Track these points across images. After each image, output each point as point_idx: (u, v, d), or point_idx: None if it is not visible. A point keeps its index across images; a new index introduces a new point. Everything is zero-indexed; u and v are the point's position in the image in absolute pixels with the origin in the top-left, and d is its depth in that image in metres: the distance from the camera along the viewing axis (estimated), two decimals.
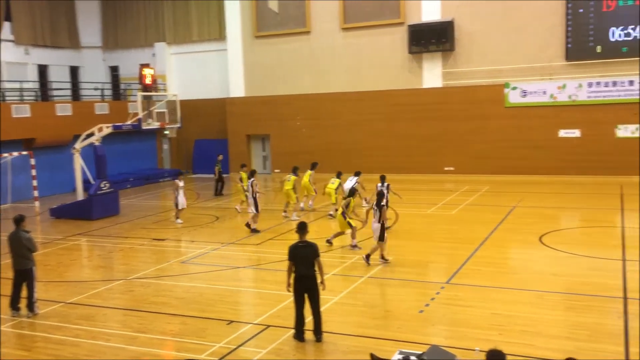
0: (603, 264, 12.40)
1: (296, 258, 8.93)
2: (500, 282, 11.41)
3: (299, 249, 8.97)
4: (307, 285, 8.90)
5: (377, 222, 12.70)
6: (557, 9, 24.31)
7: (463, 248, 13.89)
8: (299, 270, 8.92)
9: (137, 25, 32.78)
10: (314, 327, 8.97)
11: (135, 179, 28.25)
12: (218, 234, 16.98)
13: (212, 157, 31.27)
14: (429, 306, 10.20)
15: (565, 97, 24.51)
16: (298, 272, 8.92)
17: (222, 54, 30.99)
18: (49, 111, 25.57)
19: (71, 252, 15.67)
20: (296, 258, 8.93)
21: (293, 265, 8.96)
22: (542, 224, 16.17)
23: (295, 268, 8.94)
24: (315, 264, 8.94)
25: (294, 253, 8.96)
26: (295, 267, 8.94)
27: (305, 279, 8.90)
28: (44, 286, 12.14)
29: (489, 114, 25.63)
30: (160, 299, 11.31)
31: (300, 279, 8.91)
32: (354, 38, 27.78)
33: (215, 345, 8.87)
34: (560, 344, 8.43)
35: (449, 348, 7.77)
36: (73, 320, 10.28)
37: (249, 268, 13.68)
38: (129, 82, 32.06)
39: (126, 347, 9.03)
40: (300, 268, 8.90)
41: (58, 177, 25.94)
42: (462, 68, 26.04)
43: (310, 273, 8.91)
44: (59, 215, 20.42)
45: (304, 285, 8.91)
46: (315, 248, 8.98)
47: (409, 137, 26.93)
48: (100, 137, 20.97)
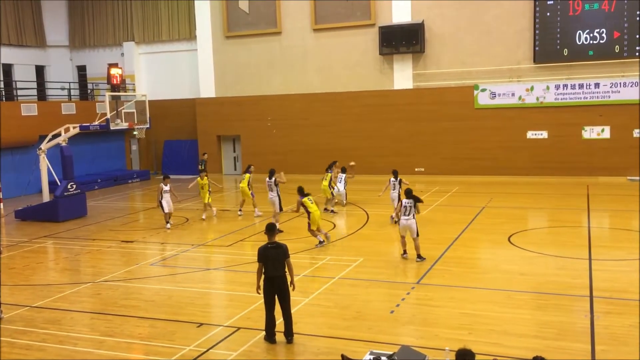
0: (570, 263, 12.62)
1: (266, 259, 8.88)
2: (469, 282, 11.53)
3: (268, 250, 8.93)
4: (277, 286, 8.87)
5: (412, 218, 13.06)
6: (525, 11, 24.71)
7: (433, 248, 13.99)
8: (268, 271, 8.86)
9: (105, 24, 32.27)
10: (285, 329, 8.94)
11: (103, 180, 27.81)
12: (188, 235, 16.81)
13: (182, 157, 31.21)
14: (400, 306, 10.25)
15: (533, 99, 24.92)
16: (268, 274, 8.87)
17: (192, 53, 30.72)
18: (14, 111, 24.99)
19: (37, 254, 15.34)
20: (266, 259, 8.88)
21: (263, 267, 8.90)
22: (511, 224, 16.40)
23: (265, 269, 8.89)
24: (285, 265, 8.92)
25: (264, 254, 8.91)
26: (265, 268, 8.88)
27: (275, 280, 8.86)
28: (9, 290, 11.86)
29: (459, 115, 25.91)
30: (128, 302, 11.13)
31: (270, 280, 8.87)
32: (325, 39, 27.81)
33: (185, 348, 8.76)
34: (528, 343, 8.55)
35: (419, 348, 7.82)
36: (39, 324, 10.06)
37: (219, 270, 13.57)
38: (96, 82, 31.52)
39: (94, 351, 8.87)
40: (270, 269, 8.85)
41: (23, 178, 25.32)
42: (433, 70, 26.28)
43: (281, 274, 8.89)
44: (24, 217, 19.97)
45: (274, 286, 8.87)
46: (285, 249, 8.98)
47: (380, 137, 27.06)
48: (67, 137, 20.58)
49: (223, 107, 29.72)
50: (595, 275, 11.57)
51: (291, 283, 9.04)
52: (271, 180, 17.00)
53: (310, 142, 28.07)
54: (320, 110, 28.05)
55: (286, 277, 8.97)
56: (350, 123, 27.55)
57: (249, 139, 29.58)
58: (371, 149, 26.85)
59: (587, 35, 23.93)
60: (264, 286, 8.91)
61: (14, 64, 29.91)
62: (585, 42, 23.99)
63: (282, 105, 28.70)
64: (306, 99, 28.29)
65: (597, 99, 24.06)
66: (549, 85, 24.65)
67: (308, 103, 28.28)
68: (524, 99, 25.07)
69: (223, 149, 30.75)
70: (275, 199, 16.90)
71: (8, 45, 29.44)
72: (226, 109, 29.65)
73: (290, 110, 28.57)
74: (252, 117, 29.19)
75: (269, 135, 29.03)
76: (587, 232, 15.30)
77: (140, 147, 32.38)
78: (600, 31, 23.74)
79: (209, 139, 30.17)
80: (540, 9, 24.41)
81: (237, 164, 30.43)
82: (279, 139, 28.78)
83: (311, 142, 28.07)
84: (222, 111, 29.73)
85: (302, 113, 28.37)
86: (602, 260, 12.54)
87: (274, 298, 8.89)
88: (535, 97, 24.89)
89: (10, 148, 24.65)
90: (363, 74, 27.27)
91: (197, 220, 18.92)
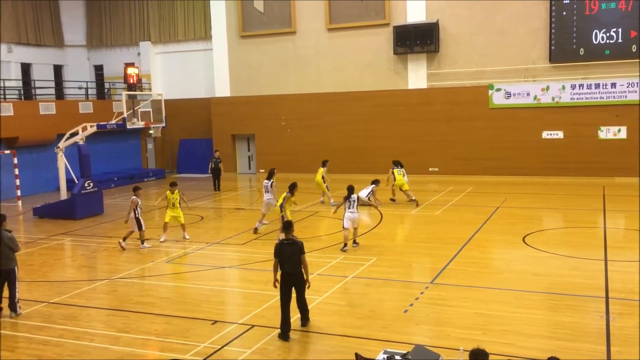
0: (585, 264, 12.56)
1: (282, 255, 9.06)
2: (483, 282, 11.52)
3: (284, 246, 9.11)
4: (293, 282, 9.08)
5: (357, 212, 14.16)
6: (540, 11, 24.56)
7: (447, 248, 13.99)
8: (284, 267, 9.05)
9: (122, 23, 32.57)
10: (301, 314, 9.30)
11: (120, 178, 28.07)
12: (202, 233, 16.93)
13: (196, 156, 31.43)
14: (413, 306, 10.27)
15: (549, 98, 24.77)
16: (284, 269, 9.07)
17: (207, 53, 30.90)
18: (32, 110, 25.32)
19: (55, 251, 15.54)
20: (282, 255, 9.06)
21: (279, 263, 9.07)
22: (525, 225, 16.34)
23: (281, 265, 9.07)
24: (300, 262, 9.07)
25: (280, 250, 9.09)
26: (281, 264, 9.07)
27: (291, 276, 9.05)
28: (27, 286, 12.04)
29: (474, 115, 25.82)
30: (144, 299, 11.27)
31: (286, 276, 9.06)
32: (339, 38, 27.84)
33: (199, 345, 8.85)
34: (542, 343, 8.53)
35: (433, 347, 7.84)
36: (56, 320, 10.21)
37: (233, 268, 13.67)
38: (113, 81, 31.83)
39: (110, 347, 8.99)
40: (286, 265, 9.05)
41: (41, 176, 25.71)
42: (447, 69, 26.21)
43: (296, 270, 9.08)
44: (42, 215, 20.24)
45: (290, 282, 9.06)
46: (300, 246, 9.13)
47: (393, 137, 27.04)
48: (84, 136, 20.82)
49: (237, 107, 29.86)
50: (610, 276, 11.50)
51: (306, 280, 9.19)
52: (269, 182, 16.61)
53: (324, 142, 28.10)
54: (334, 110, 28.09)
55: (302, 274, 9.12)
56: (363, 123, 27.56)
57: (263, 138, 29.70)
58: (384, 149, 26.80)
59: (604, 34, 23.73)
60: (281, 281, 9.10)
61: (32, 64, 30.29)
62: (601, 42, 23.79)
63: (296, 104, 28.78)
64: (320, 98, 28.35)
65: (613, 98, 23.86)
66: (564, 85, 24.48)
67: (322, 103, 28.33)
68: (539, 99, 24.92)
69: (237, 148, 30.89)
70: (272, 201, 16.43)
71: (27, 45, 29.84)
72: (241, 108, 29.79)
73: (304, 109, 28.64)
74: (266, 116, 29.30)
75: (283, 134, 29.13)
76: (603, 233, 15.20)
77: (156, 146, 32.65)
78: (617, 30, 23.53)
79: (223, 138, 30.33)
80: (556, 8, 24.24)
81: (252, 163, 30.56)
82: (293, 138, 28.87)
83: (324, 141, 28.11)
84: (237, 110, 29.87)
85: (316, 113, 28.43)
86: (617, 262, 12.46)
87: (290, 293, 9.07)
88: (550, 97, 24.73)
89: (28, 146, 24.98)
90: (377, 74, 27.26)
91: (212, 218, 19.04)
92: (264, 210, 16.54)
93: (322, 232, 15.82)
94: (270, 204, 16.45)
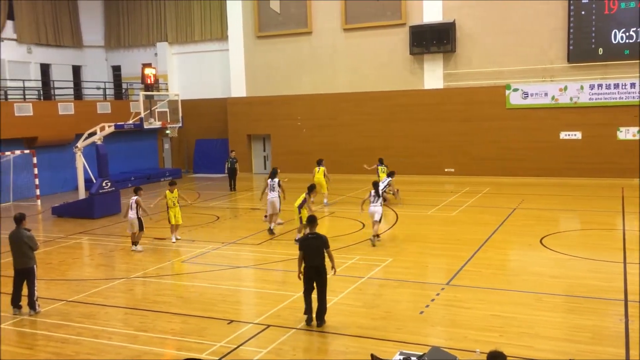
0: (604, 266, 12.42)
1: (307, 249, 9.44)
2: (500, 283, 11.44)
3: (309, 240, 9.52)
4: (316, 274, 9.44)
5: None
6: (558, 11, 24.35)
7: (463, 249, 13.91)
8: (308, 260, 9.44)
9: (140, 24, 32.84)
10: (317, 314, 9.48)
11: (137, 178, 28.27)
12: (219, 233, 17.02)
13: (212, 156, 31.58)
14: (429, 307, 10.23)
15: (567, 99, 24.54)
16: (308, 262, 9.45)
17: (223, 53, 31.05)
18: (51, 110, 25.62)
19: (73, 250, 15.71)
20: (307, 249, 9.44)
21: (303, 256, 9.45)
22: (543, 226, 16.20)
23: (305, 258, 9.45)
24: (325, 255, 9.46)
25: (305, 244, 9.49)
26: (306, 257, 9.45)
27: (314, 269, 9.42)
28: (46, 284, 12.19)
29: (490, 115, 25.67)
30: (161, 298, 11.35)
31: (310, 269, 9.44)
32: (355, 39, 27.82)
33: (215, 345, 8.90)
34: (561, 346, 8.46)
35: (449, 349, 7.80)
36: (75, 318, 10.32)
37: (249, 268, 13.72)
38: (131, 82, 32.11)
39: (128, 345, 9.06)
40: (310, 258, 9.42)
41: (60, 176, 26.00)
42: (464, 69, 26.08)
43: (320, 263, 9.43)
44: (60, 214, 20.46)
45: (313, 275, 9.44)
46: (324, 240, 9.51)
47: (409, 138, 26.97)
48: (102, 136, 21.02)
49: (253, 107, 29.97)
50: (629, 278, 11.36)
51: (332, 268, 9.63)
52: (274, 181, 16.50)
53: (339, 142, 28.11)
54: (350, 110, 28.08)
55: (325, 267, 9.49)
56: (379, 123, 27.52)
57: (278, 138, 29.77)
58: (400, 149, 26.76)
59: (623, 34, 23.46)
60: (304, 274, 9.51)
61: (51, 64, 30.66)
62: (620, 41, 23.53)
63: (311, 105, 28.81)
64: (335, 98, 28.35)
65: (632, 99, 23.58)
66: (583, 85, 24.24)
67: (337, 103, 28.32)
68: (557, 99, 24.70)
69: (253, 148, 31.00)
70: (276, 199, 16.37)
71: (46, 46, 30.20)
72: (256, 108, 29.89)
73: (320, 110, 28.67)
74: (282, 116, 29.37)
75: (299, 134, 29.18)
76: (622, 235, 15.02)
77: (173, 145, 32.87)
78: (636, 30, 23.26)
79: (239, 138, 30.45)
80: (574, 8, 24.02)
81: (267, 163, 30.64)
82: (308, 138, 28.90)
83: (340, 141, 28.11)
84: (253, 111, 29.98)
85: (331, 113, 28.43)
86: (636, 264, 12.29)
87: (313, 285, 9.47)
88: (569, 97, 24.50)
89: (47, 146, 25.27)
90: (393, 74, 27.20)
91: (228, 218, 19.12)
92: (270, 210, 16.51)
93: (338, 233, 15.80)
94: (274, 203, 16.34)
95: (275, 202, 16.33)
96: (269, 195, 16.43)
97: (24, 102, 25.09)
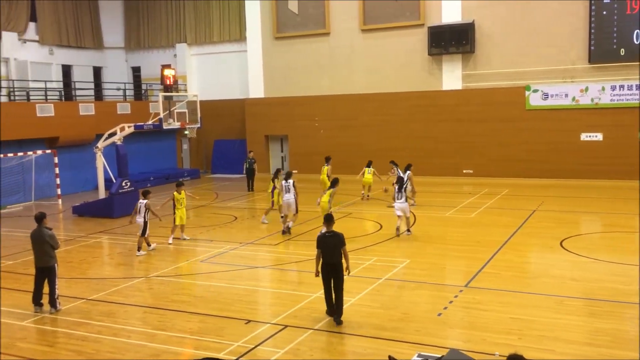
0: (624, 269, 12.24)
1: (324, 246, 9.58)
2: (519, 286, 11.34)
3: (326, 238, 9.63)
4: (333, 271, 9.57)
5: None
6: (579, 11, 24.08)
7: (482, 251, 13.82)
8: (326, 257, 9.58)
9: (159, 26, 33.12)
10: (336, 311, 9.61)
11: (156, 178, 28.50)
12: (236, 233, 17.09)
13: (230, 157, 31.73)
14: (447, 309, 10.17)
15: (588, 100, 24.25)
16: (325, 260, 9.59)
17: (241, 54, 31.19)
18: (72, 111, 25.94)
19: (93, 249, 15.89)
20: (324, 246, 9.58)
21: (321, 253, 9.58)
22: (563, 228, 16.02)
23: (322, 256, 9.60)
24: (341, 253, 9.58)
25: (322, 242, 9.62)
26: (323, 255, 9.59)
27: (331, 266, 9.55)
28: (67, 283, 12.34)
29: (510, 116, 25.45)
30: (179, 297, 11.43)
31: (327, 266, 9.58)
32: (373, 39, 27.77)
33: (233, 344, 8.94)
34: (581, 350, 8.36)
35: (467, 352, 7.75)
36: (95, 316, 10.44)
37: (266, 268, 13.75)
38: (150, 83, 32.40)
39: (147, 344, 9.14)
40: (327, 256, 9.56)
41: (80, 176, 26.31)
42: (483, 70, 25.90)
43: (336, 261, 9.57)
44: (81, 213, 20.70)
45: (330, 271, 9.57)
46: (341, 238, 9.64)
47: (428, 139, 26.85)
48: (122, 136, 21.23)
49: (271, 108, 30.05)
50: None
51: (346, 268, 9.70)
52: (289, 182, 16.47)
53: (357, 143, 28.07)
54: (367, 111, 28.03)
55: (342, 264, 9.60)
56: (397, 124, 27.43)
57: (296, 138, 29.82)
58: (418, 150, 26.64)
59: None
60: (322, 271, 9.65)
61: (72, 65, 31.05)
62: None
63: (329, 105, 28.82)
64: (353, 99, 28.32)
65: None
66: (604, 86, 23.93)
67: (355, 104, 28.29)
68: (578, 100, 24.42)
69: (271, 149, 31.08)
70: (292, 200, 16.39)
71: (68, 47, 30.59)
72: (274, 109, 29.98)
73: (337, 110, 28.66)
74: (299, 117, 29.42)
75: (316, 135, 29.20)
76: None
77: (191, 146, 33.09)
78: None
79: (257, 138, 30.56)
80: (596, 8, 23.73)
81: (285, 163, 30.70)
82: (326, 139, 28.91)
83: (357, 142, 28.07)
84: (271, 111, 30.06)
85: (349, 113, 28.41)
86: None
87: (331, 282, 9.61)
88: (590, 98, 24.21)
89: (68, 146, 25.60)
90: (411, 75, 27.10)
91: (245, 218, 19.20)
92: (285, 211, 16.62)
93: (356, 234, 15.78)
94: (290, 204, 16.44)
95: (291, 203, 16.42)
96: (284, 197, 16.51)
97: (45, 102, 25.44)
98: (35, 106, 24.46)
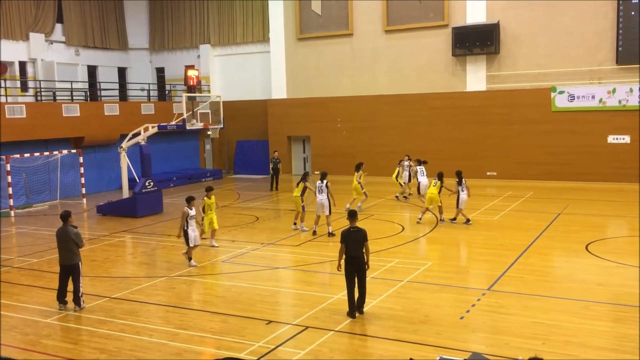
0: None
1: (348, 241, 9.84)
2: (543, 290, 11.17)
3: (351, 233, 9.91)
4: (356, 265, 9.85)
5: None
6: (607, 12, 23.68)
7: (505, 255, 13.65)
8: (349, 251, 9.84)
9: (183, 27, 33.39)
10: (358, 302, 9.96)
11: (178, 178, 28.73)
12: (258, 233, 17.13)
13: (253, 157, 31.88)
14: (470, 312, 10.06)
15: (615, 101, 23.84)
16: (349, 254, 9.85)
17: (264, 55, 31.29)
18: (97, 111, 26.27)
19: (116, 248, 16.07)
20: (348, 241, 9.84)
21: (344, 248, 9.84)
22: (588, 232, 15.76)
23: (346, 250, 9.85)
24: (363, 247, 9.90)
25: (346, 237, 9.87)
26: (347, 249, 9.85)
27: (354, 260, 9.83)
28: (90, 281, 12.48)
29: (535, 118, 25.14)
30: (201, 297, 11.50)
31: (350, 260, 9.85)
32: (396, 40, 27.65)
33: (254, 345, 8.95)
34: (606, 356, 8.20)
35: (490, 356, 7.67)
36: (118, 315, 10.54)
37: (288, 269, 13.76)
38: (174, 83, 32.68)
39: (168, 342, 9.19)
40: (351, 250, 9.84)
41: (105, 175, 26.65)
42: (507, 71, 25.63)
43: (360, 255, 9.89)
44: (105, 212, 20.93)
45: (354, 265, 9.84)
46: (364, 233, 9.94)
47: (451, 140, 26.64)
48: (146, 136, 21.42)
49: (294, 108, 30.10)
50: None
51: (366, 263, 9.99)
52: (323, 183, 16.43)
53: (379, 144, 27.97)
54: (390, 112, 27.91)
55: (364, 258, 9.92)
56: (419, 125, 27.27)
57: (318, 139, 29.82)
58: (441, 152, 26.41)
59: None
60: (345, 265, 9.92)
61: (98, 66, 31.47)
62: None
63: (351, 106, 28.76)
64: (376, 100, 28.23)
65: None
66: (632, 88, 23.49)
67: (377, 105, 28.20)
68: (605, 102, 24.02)
69: (293, 150, 31.13)
70: (325, 201, 16.28)
71: (93, 48, 31.02)
72: (297, 110, 30.02)
73: (360, 111, 28.59)
74: (321, 118, 29.42)
75: (339, 136, 29.16)
76: None
77: (214, 146, 33.30)
78: None
79: (279, 139, 30.62)
80: (624, 9, 23.31)
81: (307, 164, 30.72)
82: (348, 140, 28.86)
83: (380, 143, 27.97)
84: (293, 112, 30.11)
85: (372, 115, 28.32)
86: None
87: (354, 276, 9.88)
88: (617, 99, 23.80)
89: (93, 146, 25.94)
90: (434, 76, 26.93)
91: (267, 219, 19.24)
92: (319, 212, 16.56)
93: (377, 235, 15.71)
94: (323, 205, 16.36)
95: (324, 204, 16.34)
96: (318, 197, 16.48)
97: (71, 103, 25.80)
98: (62, 106, 24.82)
